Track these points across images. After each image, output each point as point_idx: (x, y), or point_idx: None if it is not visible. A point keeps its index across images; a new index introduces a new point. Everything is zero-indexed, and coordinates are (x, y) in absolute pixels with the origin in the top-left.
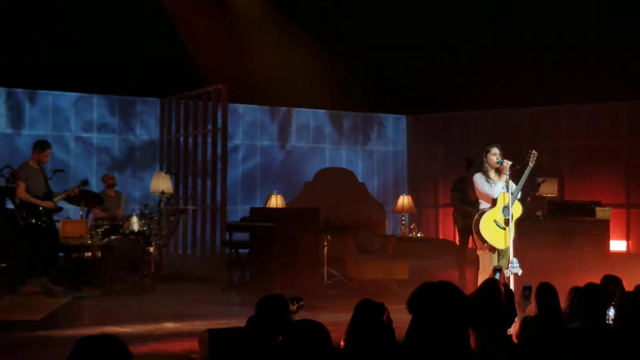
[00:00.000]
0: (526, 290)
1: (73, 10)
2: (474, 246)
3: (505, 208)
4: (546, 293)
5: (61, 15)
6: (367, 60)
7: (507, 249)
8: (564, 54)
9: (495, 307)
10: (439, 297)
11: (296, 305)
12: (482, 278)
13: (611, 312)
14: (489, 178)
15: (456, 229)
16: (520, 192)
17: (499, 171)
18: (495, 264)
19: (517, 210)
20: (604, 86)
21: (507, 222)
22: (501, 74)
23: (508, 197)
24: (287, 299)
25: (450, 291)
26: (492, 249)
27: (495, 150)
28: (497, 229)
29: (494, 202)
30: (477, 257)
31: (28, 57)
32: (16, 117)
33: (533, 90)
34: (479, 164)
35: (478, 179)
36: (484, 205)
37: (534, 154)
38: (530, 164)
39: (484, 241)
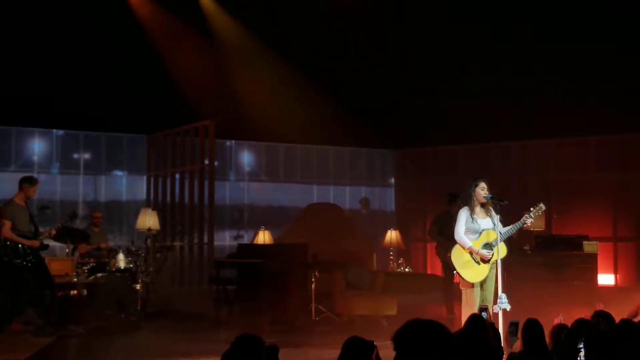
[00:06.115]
0: (512, 326)
1: (56, 46)
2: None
3: (487, 245)
4: (532, 330)
5: (45, 51)
6: (355, 95)
7: (488, 284)
8: (553, 88)
9: (482, 344)
10: (424, 335)
11: None
12: (465, 312)
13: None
14: (474, 214)
15: (441, 263)
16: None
17: (485, 206)
18: (479, 300)
19: (502, 250)
20: (592, 119)
21: (484, 260)
22: (489, 108)
23: (493, 234)
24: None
25: (436, 329)
26: (469, 284)
27: (483, 185)
28: (470, 261)
29: (476, 234)
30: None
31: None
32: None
33: (522, 124)
34: (466, 198)
35: (461, 214)
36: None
37: (540, 207)
38: (531, 215)
39: (453, 269)
